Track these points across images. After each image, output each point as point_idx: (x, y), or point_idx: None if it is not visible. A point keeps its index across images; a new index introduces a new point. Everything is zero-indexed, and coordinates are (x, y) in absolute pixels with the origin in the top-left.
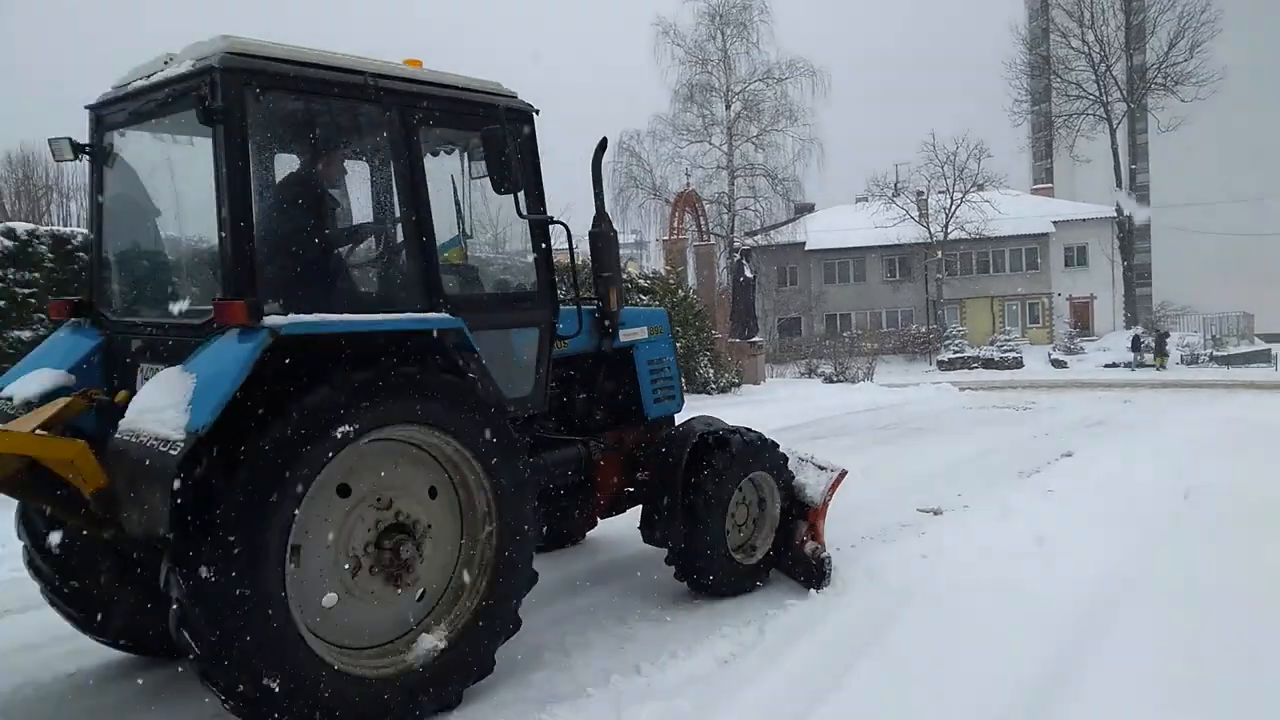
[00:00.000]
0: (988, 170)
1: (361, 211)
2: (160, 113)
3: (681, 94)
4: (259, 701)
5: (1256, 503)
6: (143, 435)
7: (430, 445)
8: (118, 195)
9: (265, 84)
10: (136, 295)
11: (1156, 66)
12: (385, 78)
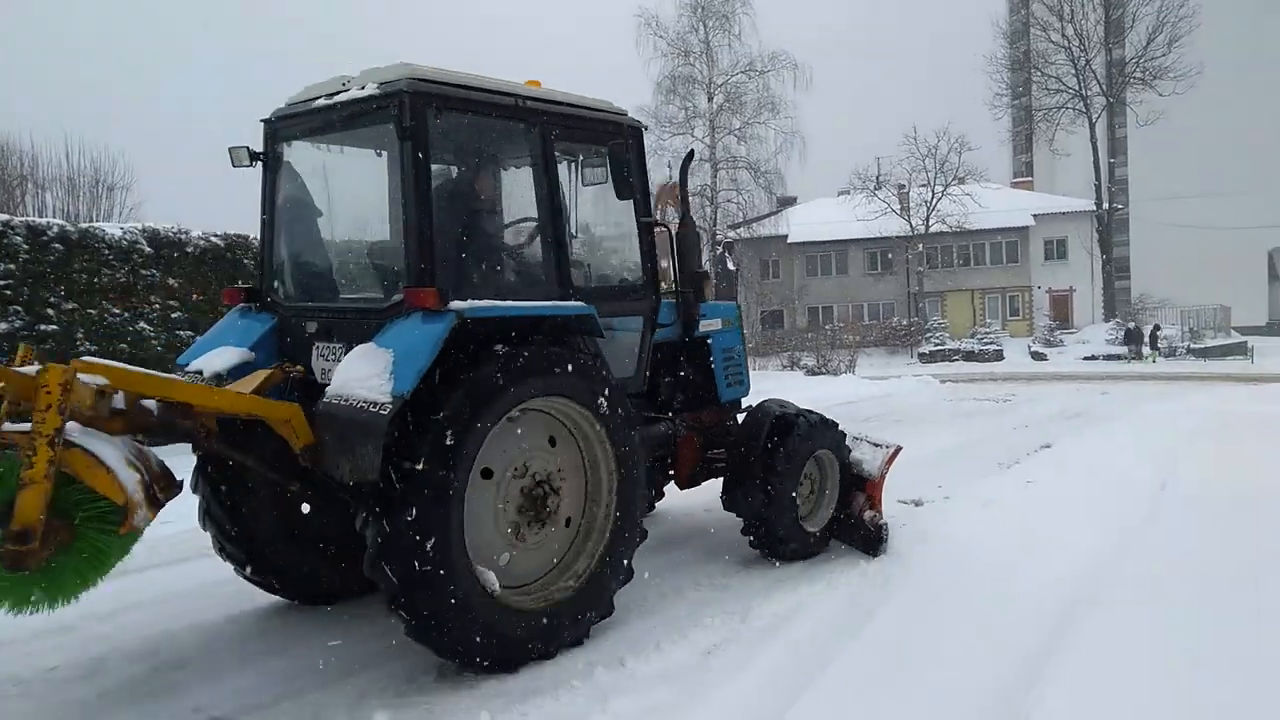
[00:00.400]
0: (969, 164)
1: (509, 213)
2: (341, 127)
3: (664, 86)
4: (435, 627)
5: (1232, 494)
6: (352, 399)
7: (563, 415)
8: (288, 198)
9: (442, 105)
10: (308, 284)
11: (1135, 61)
12: (530, 99)
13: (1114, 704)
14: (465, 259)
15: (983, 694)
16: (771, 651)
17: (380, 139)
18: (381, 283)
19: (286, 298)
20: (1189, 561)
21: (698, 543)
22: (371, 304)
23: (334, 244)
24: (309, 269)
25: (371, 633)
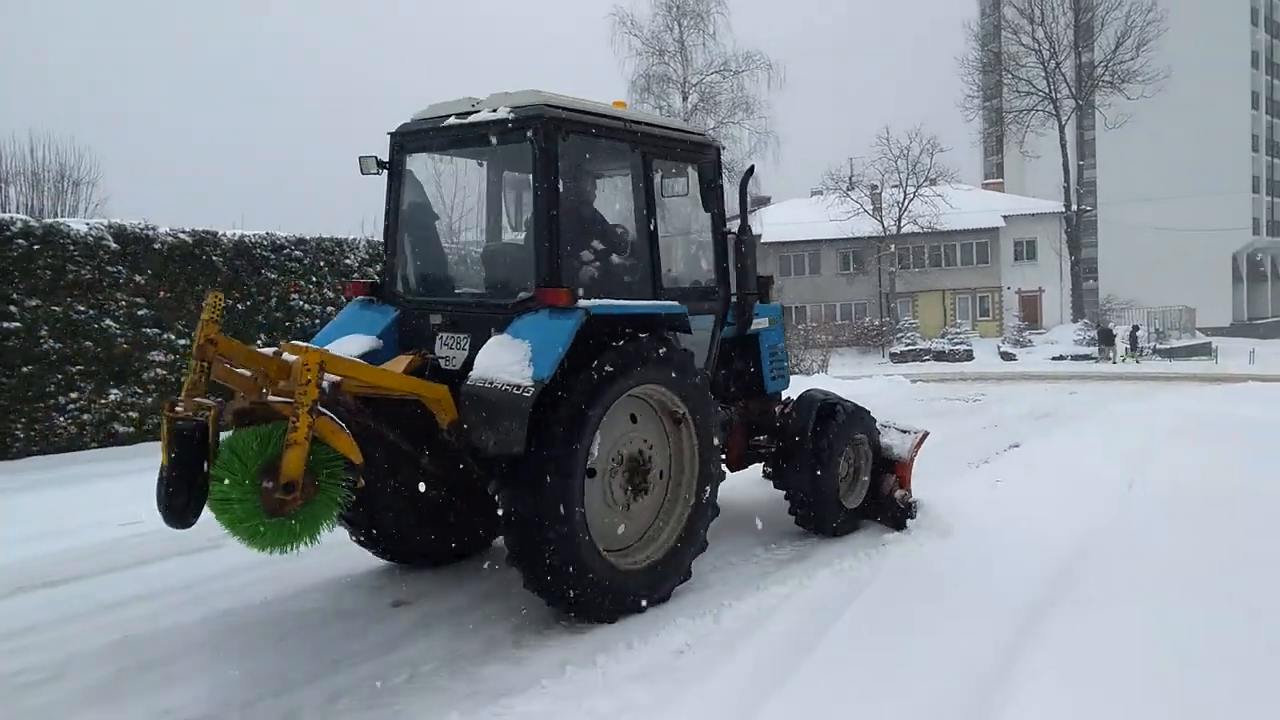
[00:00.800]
0: (940, 165)
1: (612, 223)
2: (472, 143)
3: (639, 85)
4: (553, 581)
5: (1197, 492)
6: (497, 382)
7: (655, 400)
8: (412, 204)
9: (568, 129)
10: (432, 281)
11: (1104, 64)
12: (637, 123)
13: (1088, 702)
14: (579, 263)
15: (954, 692)
16: (744, 651)
17: (510, 155)
18: (506, 282)
19: (410, 293)
20: (1159, 561)
21: None
22: (498, 300)
23: (456, 246)
24: (432, 268)
25: (343, 634)
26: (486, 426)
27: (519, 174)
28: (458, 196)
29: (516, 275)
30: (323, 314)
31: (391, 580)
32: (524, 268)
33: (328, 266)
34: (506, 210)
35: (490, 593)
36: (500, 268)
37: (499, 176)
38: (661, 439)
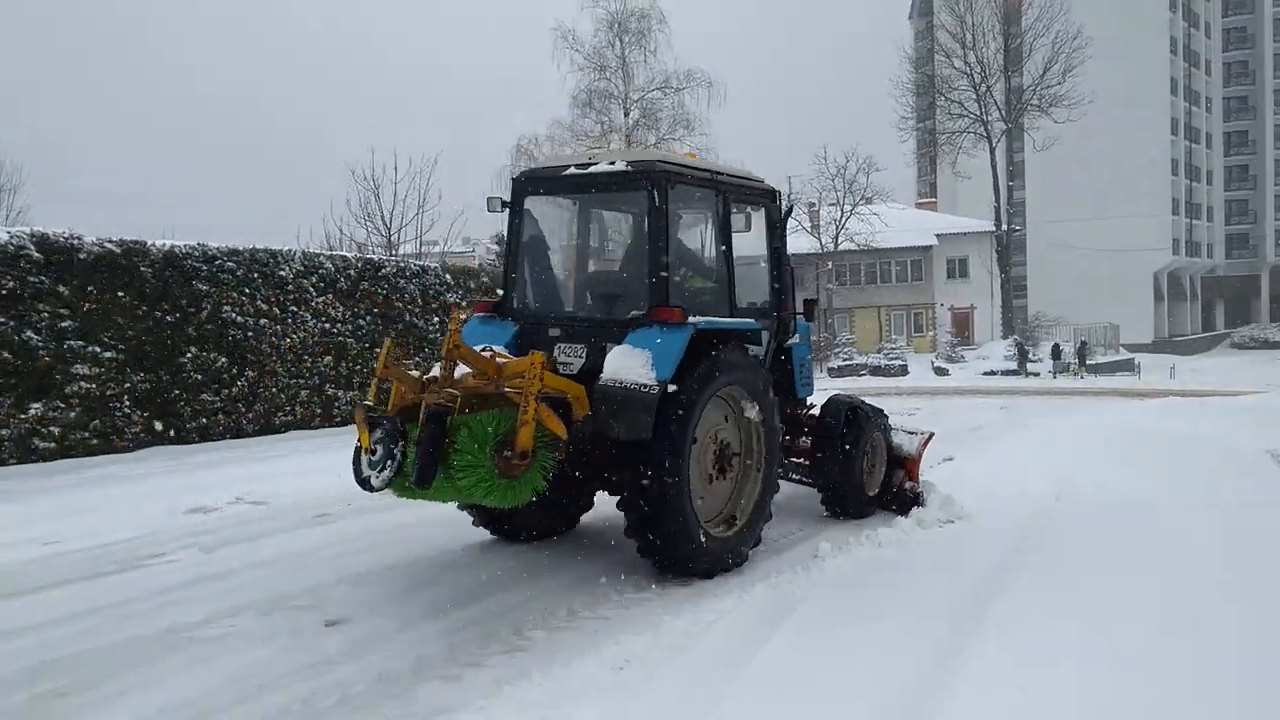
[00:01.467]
0: (876, 184)
1: (700, 255)
2: (592, 190)
3: (580, 100)
4: (667, 547)
5: (1122, 504)
6: (626, 381)
7: (731, 398)
8: (530, 236)
9: (675, 180)
10: (549, 300)
11: (1032, 89)
12: (719, 174)
13: (1021, 705)
14: (681, 288)
15: (888, 697)
16: (683, 665)
17: (624, 200)
18: (618, 302)
19: (528, 310)
20: (1080, 572)
21: (611, 557)
22: (611, 316)
23: (570, 272)
24: (549, 289)
25: (271, 656)
26: (619, 417)
27: (631, 215)
28: (579, 232)
29: (628, 297)
30: (256, 325)
31: (321, 600)
32: (635, 291)
33: (261, 278)
34: (615, 244)
35: (424, 613)
36: (611, 291)
37: (611, 216)
38: (735, 430)
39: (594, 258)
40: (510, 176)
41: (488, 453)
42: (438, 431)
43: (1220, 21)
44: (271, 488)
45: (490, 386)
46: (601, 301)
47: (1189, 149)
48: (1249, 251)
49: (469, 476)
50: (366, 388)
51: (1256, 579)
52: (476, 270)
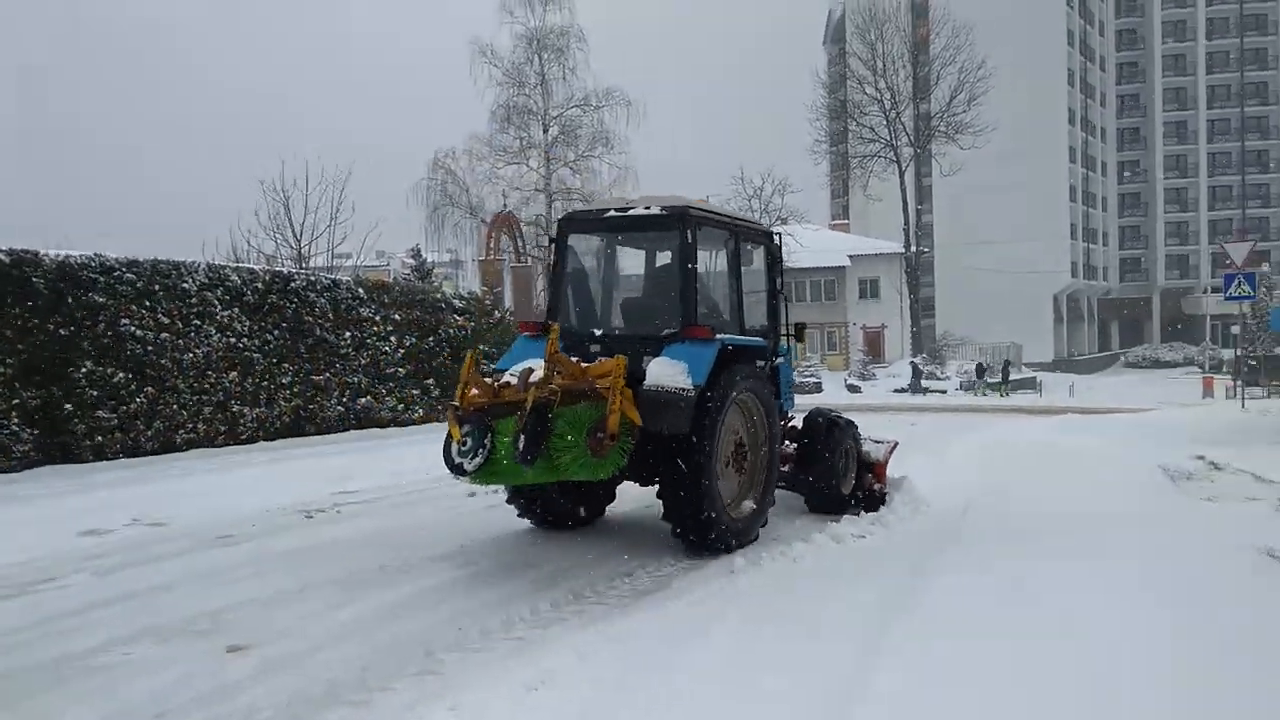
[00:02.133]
0: (791, 205)
1: (717, 283)
2: (628, 229)
3: (499, 115)
4: (699, 527)
5: (1028, 516)
6: (667, 386)
7: (745, 403)
8: (573, 268)
9: (700, 223)
10: (589, 320)
11: (939, 116)
12: (733, 218)
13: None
14: (705, 309)
15: (812, 703)
16: (600, 684)
17: (658, 238)
18: (653, 321)
19: (571, 328)
20: (986, 579)
21: (527, 576)
22: (647, 333)
23: (608, 297)
24: (589, 310)
25: (172, 683)
26: (663, 416)
27: (664, 250)
28: (615, 263)
29: (662, 317)
30: (157, 340)
31: (224, 624)
32: (669, 312)
33: (163, 290)
34: (646, 273)
35: (336, 635)
36: (646, 312)
37: (645, 250)
38: (747, 429)
39: (629, 284)
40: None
41: (583, 436)
42: (541, 421)
43: (1114, 56)
44: (172, 508)
45: (582, 384)
46: (638, 320)
47: (1086, 176)
48: (1141, 275)
49: (566, 455)
50: (272, 403)
51: (1155, 588)
52: (391, 284)
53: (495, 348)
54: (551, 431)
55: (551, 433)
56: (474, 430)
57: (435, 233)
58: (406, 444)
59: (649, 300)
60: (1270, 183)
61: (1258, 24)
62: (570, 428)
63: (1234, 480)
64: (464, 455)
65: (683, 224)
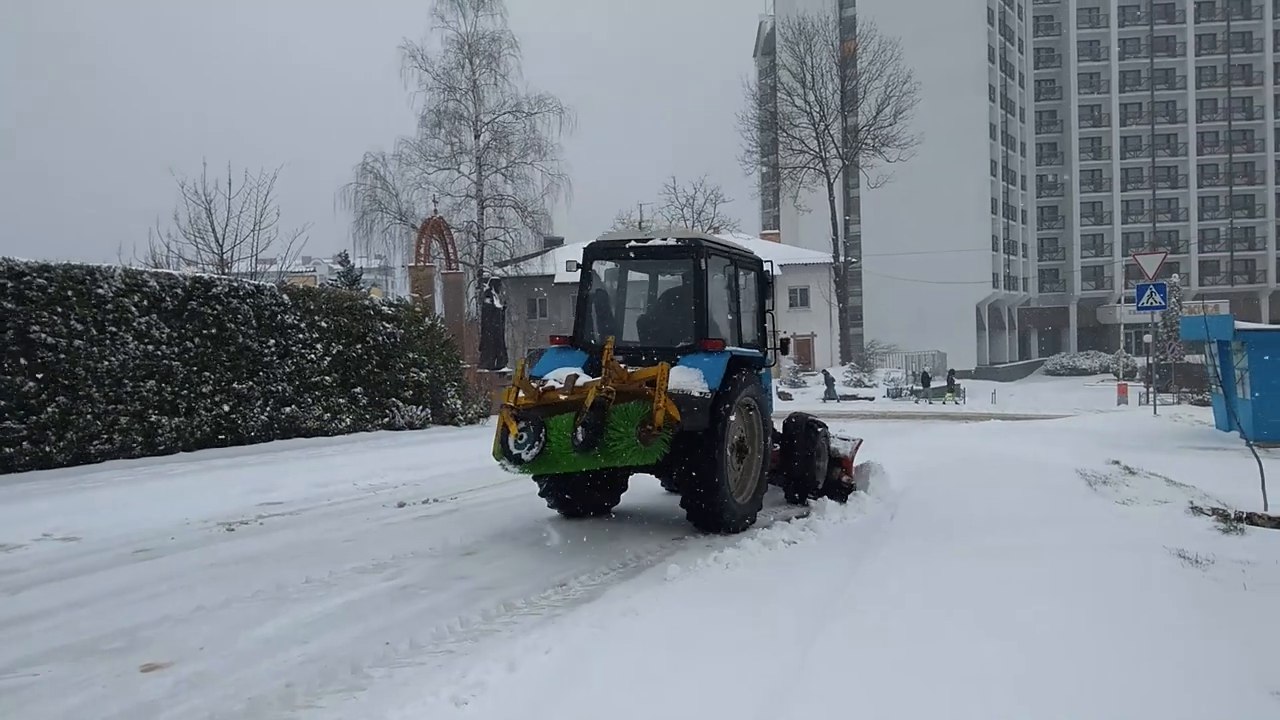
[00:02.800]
0: (723, 214)
1: (720, 303)
2: (647, 257)
3: (429, 120)
4: (712, 510)
5: (951, 520)
6: (689, 390)
7: (747, 407)
8: (595, 290)
9: (710, 253)
10: (612, 334)
11: (866, 128)
12: (732, 248)
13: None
14: (714, 325)
15: (743, 711)
16: (529, 694)
17: (675, 265)
18: (670, 335)
19: (596, 341)
20: (914, 582)
21: (459, 589)
22: (666, 345)
23: (628, 314)
24: (612, 326)
25: (80, 707)
26: (684, 415)
27: (679, 275)
28: (633, 286)
29: (676, 332)
30: (70, 347)
31: (141, 642)
32: (683, 328)
33: (76, 296)
34: (663, 294)
35: (258, 651)
36: (662, 328)
37: (661, 275)
38: (746, 427)
39: (646, 304)
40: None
41: (633, 429)
42: (599, 417)
43: (1032, 73)
44: (86, 522)
45: (632, 387)
46: (655, 335)
47: (1006, 190)
48: (1059, 286)
49: (620, 444)
50: (193, 412)
51: (1072, 588)
52: (317, 291)
53: (425, 355)
54: (607, 425)
55: (607, 426)
56: (529, 426)
57: (364, 238)
58: (334, 454)
59: (665, 317)
60: (1179, 197)
61: (1167, 45)
62: (623, 422)
63: (1147, 484)
64: (520, 447)
65: (696, 253)
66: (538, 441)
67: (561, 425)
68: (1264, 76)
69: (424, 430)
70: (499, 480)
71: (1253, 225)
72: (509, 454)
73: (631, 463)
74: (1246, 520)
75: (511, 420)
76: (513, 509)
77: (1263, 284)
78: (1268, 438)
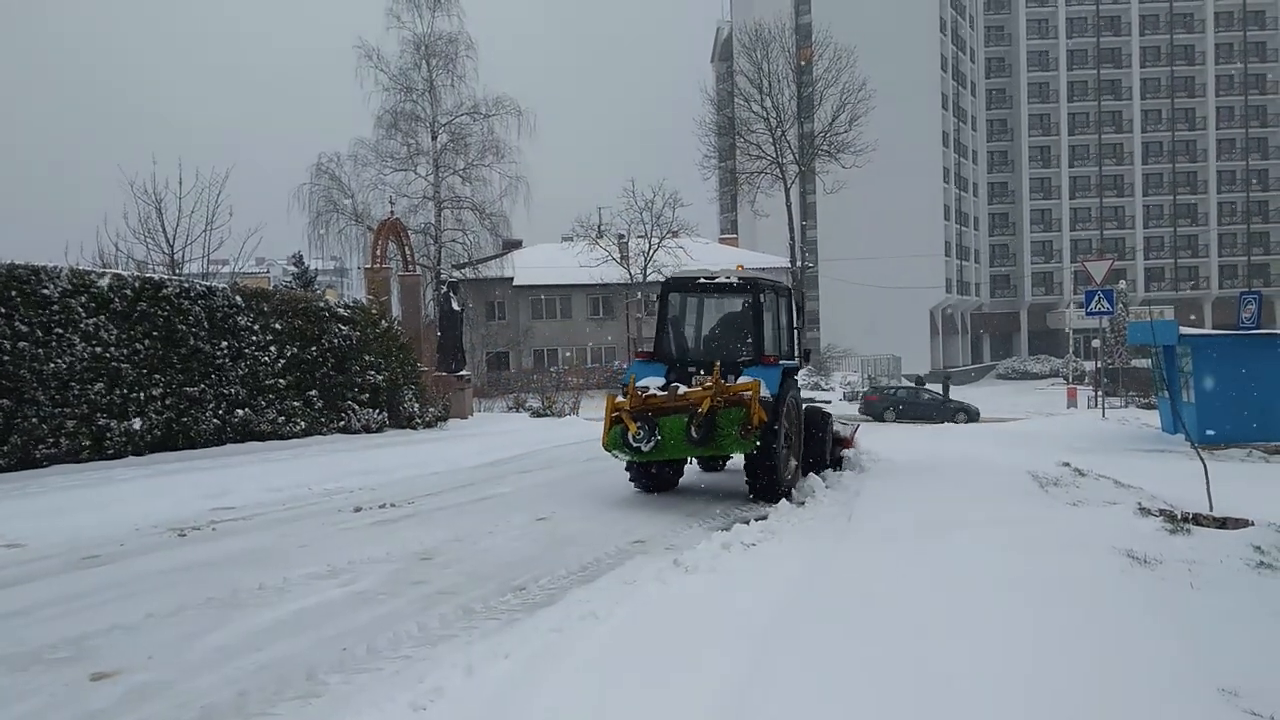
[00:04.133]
0: (681, 219)
1: (769, 328)
2: (714, 292)
3: (385, 120)
4: (770, 485)
5: (905, 521)
6: (763, 396)
7: (792, 405)
8: (673, 315)
9: (764, 286)
10: (686, 350)
11: (822, 135)
12: (774, 282)
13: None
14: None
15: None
16: (487, 699)
17: (736, 297)
18: (733, 351)
19: (672, 356)
20: (873, 583)
21: (424, 590)
22: (731, 360)
23: (698, 335)
24: (685, 344)
25: (23, 718)
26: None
27: (740, 305)
28: (702, 312)
29: (741, 349)
30: (14, 349)
31: (88, 651)
32: (746, 346)
33: (20, 297)
34: (726, 319)
35: (211, 659)
36: (727, 345)
37: (726, 304)
38: (791, 420)
39: (713, 326)
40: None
41: (735, 427)
42: (711, 418)
43: (984, 83)
44: (30, 528)
45: (733, 396)
46: (720, 352)
47: (959, 197)
48: (1010, 291)
49: (727, 439)
50: (142, 416)
51: (1023, 588)
52: (271, 292)
53: (382, 358)
54: (716, 425)
55: (716, 426)
56: (644, 424)
57: (319, 239)
58: (288, 458)
59: (728, 337)
60: (1125, 205)
61: (1113, 57)
62: (728, 423)
63: (1096, 485)
64: (639, 441)
65: (755, 289)
66: (653, 437)
67: (671, 424)
68: (1206, 89)
69: (381, 434)
70: (456, 485)
71: (1196, 233)
72: (628, 446)
73: (734, 452)
74: (1192, 521)
75: (630, 420)
76: (470, 513)
77: (1206, 290)
78: (1211, 440)
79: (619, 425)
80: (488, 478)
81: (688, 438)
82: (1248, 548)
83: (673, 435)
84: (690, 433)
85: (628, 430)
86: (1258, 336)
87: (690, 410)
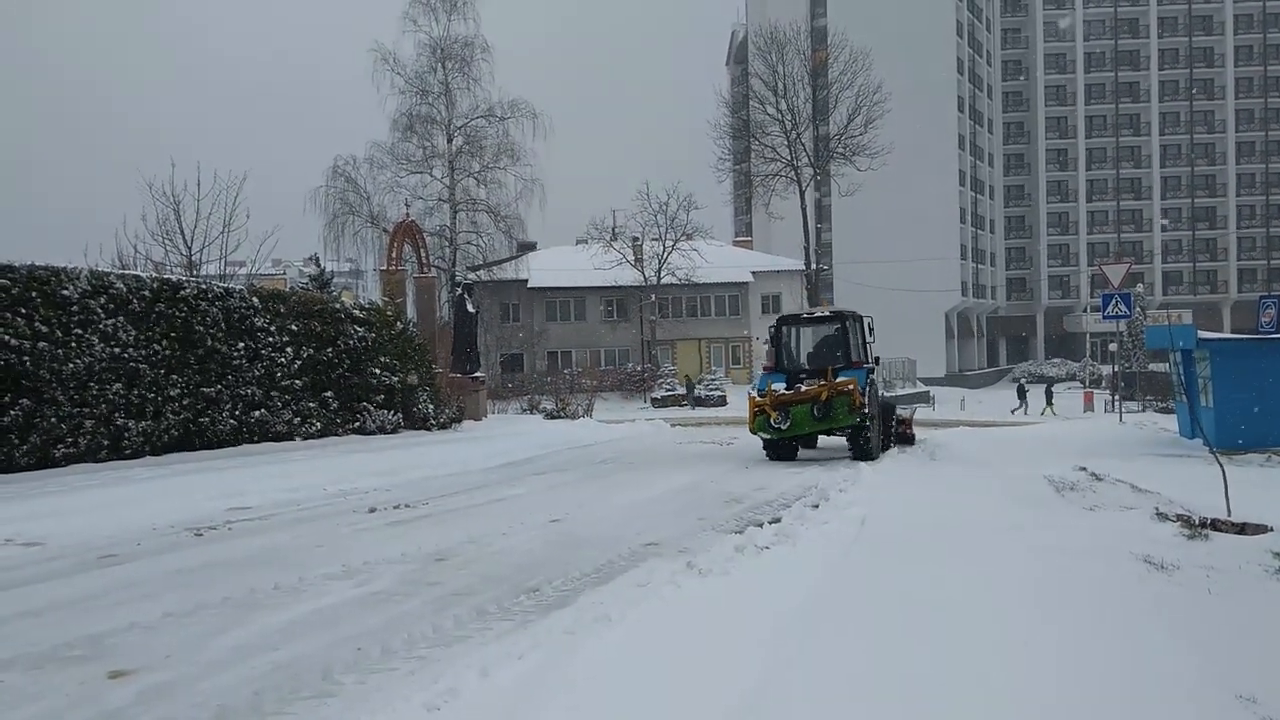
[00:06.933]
0: (695, 221)
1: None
2: (814, 324)
3: (401, 123)
4: (865, 449)
5: (920, 525)
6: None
7: (874, 396)
8: (784, 342)
9: (852, 318)
10: (797, 362)
11: (837, 138)
12: (855, 313)
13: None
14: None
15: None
16: (502, 700)
17: (831, 326)
18: (829, 361)
19: (786, 368)
20: (890, 585)
21: (438, 591)
22: (829, 366)
23: (802, 352)
24: (795, 358)
25: (39, 716)
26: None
27: (835, 331)
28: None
29: (835, 358)
30: (34, 349)
31: (106, 650)
32: (838, 356)
33: (41, 298)
34: (824, 340)
35: (227, 659)
36: (826, 356)
37: (823, 330)
38: (874, 406)
39: (813, 344)
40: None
41: (846, 409)
42: (829, 403)
43: (1000, 85)
44: (49, 527)
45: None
46: (825, 361)
47: (975, 199)
48: (1026, 295)
49: (841, 417)
50: (160, 416)
51: (1040, 594)
52: (287, 293)
53: (397, 359)
54: (832, 408)
55: (832, 407)
56: (780, 412)
57: (335, 241)
58: (303, 458)
59: (826, 351)
60: (1142, 208)
61: (1131, 59)
62: (841, 406)
63: (1113, 490)
64: (778, 423)
65: (841, 317)
66: (787, 419)
67: (798, 410)
68: (1225, 91)
69: (396, 435)
70: (471, 486)
71: (1214, 236)
72: (770, 427)
73: (845, 424)
74: (1210, 526)
75: (771, 410)
76: (484, 515)
77: (1224, 294)
78: (1230, 445)
79: (761, 415)
80: (502, 479)
81: (812, 417)
82: (1266, 554)
83: (801, 417)
84: (814, 413)
85: (769, 417)
86: (1278, 341)
87: (810, 400)
